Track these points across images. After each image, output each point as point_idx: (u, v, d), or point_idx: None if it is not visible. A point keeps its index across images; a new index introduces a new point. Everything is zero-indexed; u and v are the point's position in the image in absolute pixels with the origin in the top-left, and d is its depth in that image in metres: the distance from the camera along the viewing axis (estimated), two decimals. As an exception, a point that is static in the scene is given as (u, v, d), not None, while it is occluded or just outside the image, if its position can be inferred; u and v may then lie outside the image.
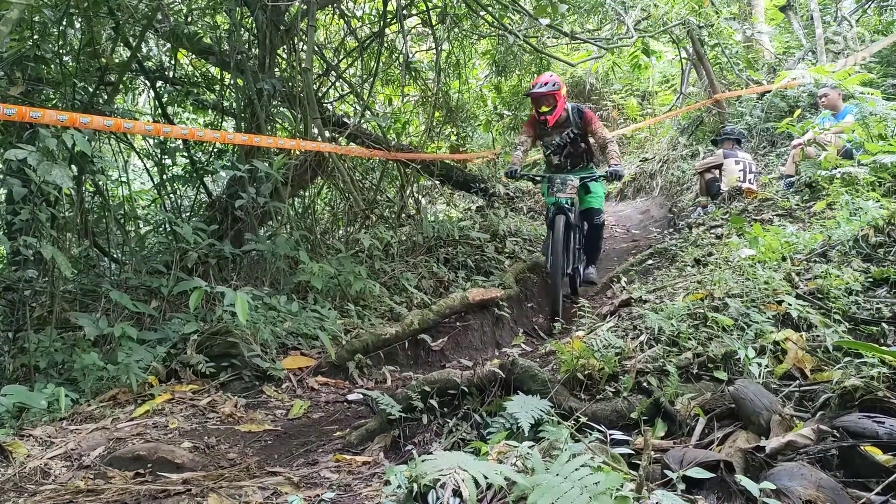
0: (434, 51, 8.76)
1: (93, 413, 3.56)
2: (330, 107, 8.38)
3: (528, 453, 2.03)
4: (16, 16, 3.52)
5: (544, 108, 5.84)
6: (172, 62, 7.56)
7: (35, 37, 5.64)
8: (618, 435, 2.32)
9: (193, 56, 7.80)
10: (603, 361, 3.01)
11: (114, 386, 3.88)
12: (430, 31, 8.71)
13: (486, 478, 1.78)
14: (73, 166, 5.18)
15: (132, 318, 4.78)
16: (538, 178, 6.13)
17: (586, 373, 3.02)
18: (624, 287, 5.27)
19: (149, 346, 4.33)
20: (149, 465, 3.02)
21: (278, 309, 4.89)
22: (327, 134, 7.33)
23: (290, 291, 5.49)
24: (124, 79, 6.93)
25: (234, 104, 7.28)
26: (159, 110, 7.36)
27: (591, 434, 2.37)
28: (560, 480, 1.77)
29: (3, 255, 6.53)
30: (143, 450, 3.10)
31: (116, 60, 6.85)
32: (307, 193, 7.87)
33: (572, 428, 2.41)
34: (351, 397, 4.03)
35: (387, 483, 2.48)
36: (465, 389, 3.24)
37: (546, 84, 5.82)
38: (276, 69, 7.11)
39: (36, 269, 4.94)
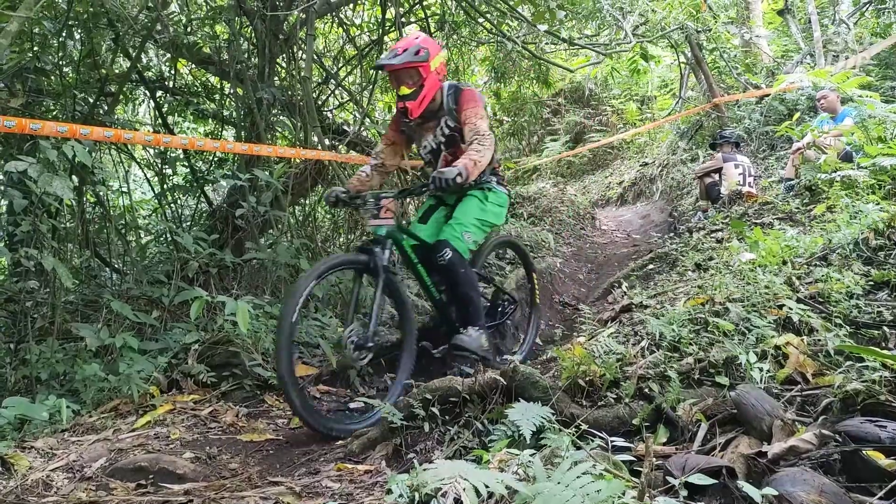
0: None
1: (94, 424, 3.55)
2: (329, 115, 8.40)
3: (529, 461, 2.03)
4: (16, 28, 3.54)
5: (404, 91, 3.84)
6: (172, 72, 7.59)
7: (35, 48, 5.66)
8: (619, 442, 2.32)
9: (193, 66, 7.82)
10: (604, 367, 3.01)
11: (115, 397, 3.88)
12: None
13: (487, 486, 1.78)
14: (73, 177, 5.19)
15: (133, 328, 4.78)
16: (358, 201, 3.94)
17: (587, 379, 3.02)
18: (625, 292, 5.28)
19: (150, 356, 4.33)
20: (150, 477, 3.02)
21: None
22: (327, 142, 7.35)
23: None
24: (124, 89, 6.96)
25: (234, 113, 7.30)
26: (159, 120, 7.38)
27: (592, 441, 2.37)
28: (562, 488, 1.76)
29: (5, 266, 6.54)
30: (144, 461, 3.10)
31: (116, 71, 6.88)
32: (307, 201, 7.88)
33: (574, 435, 2.41)
34: (352, 406, 4.03)
35: (388, 492, 2.47)
36: (467, 397, 3.23)
37: (405, 51, 3.77)
38: (276, 78, 7.13)
39: (37, 281, 4.95)
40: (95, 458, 3.18)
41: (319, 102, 7.99)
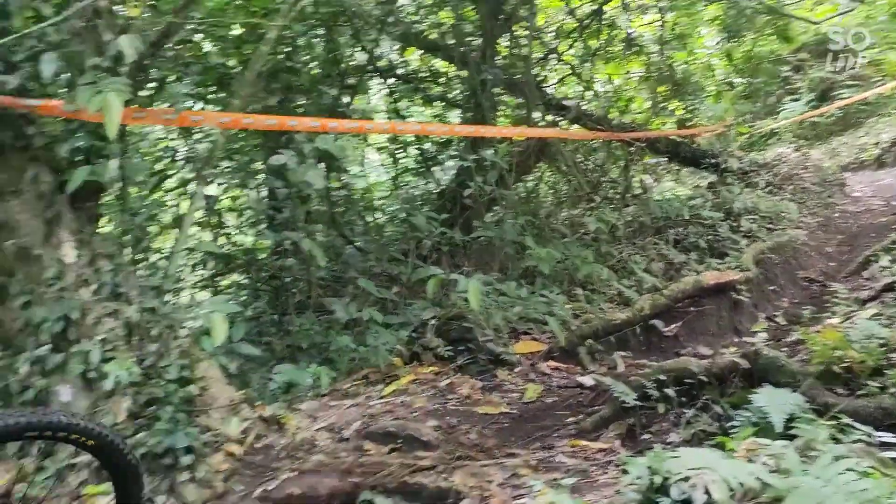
0: (657, 23, 8.40)
1: (348, 390, 3.94)
2: (551, 90, 8.39)
3: (782, 453, 1.92)
4: (274, 35, 3.97)
5: None
6: (403, 60, 8.03)
7: (286, 50, 6.28)
8: (887, 436, 2.11)
9: (421, 52, 8.20)
10: (865, 353, 2.74)
11: (365, 366, 4.25)
12: (653, 2, 8.37)
13: (735, 478, 1.71)
14: (322, 165, 5.72)
15: (375, 302, 5.19)
16: None
17: (844, 365, 2.77)
18: (886, 267, 4.72)
19: (392, 329, 4.67)
20: (399, 441, 3.29)
21: (508, 294, 5.02)
22: (549, 118, 7.37)
23: (518, 276, 5.61)
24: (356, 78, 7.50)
25: (460, 95, 7.58)
26: (392, 106, 7.87)
27: (852, 433, 2.18)
28: (820, 484, 1.65)
29: (268, 246, 7.39)
30: (393, 426, 3.38)
31: (353, 64, 7.43)
32: (531, 178, 7.97)
33: (831, 426, 2.22)
34: (582, 382, 4.04)
35: (624, 472, 2.47)
36: (704, 379, 3.12)
37: None
38: (499, 58, 7.26)
39: (293, 259, 5.54)
40: (351, 421, 3.52)
41: (540, 78, 8.01)
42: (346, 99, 6.89)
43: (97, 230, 3.33)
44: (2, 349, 2.97)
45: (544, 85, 8.16)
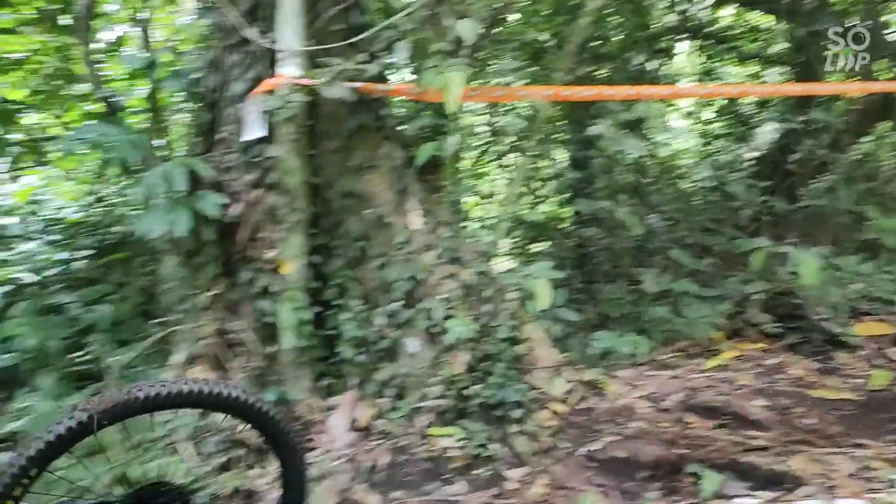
0: None
1: (666, 361, 3.87)
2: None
3: None
4: (598, 4, 3.96)
5: None
6: (714, 17, 7.52)
7: (596, 19, 6.24)
8: None
9: (736, 7, 7.63)
10: None
11: (681, 338, 4.14)
12: None
13: None
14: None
15: (687, 274, 4.99)
16: None
17: None
18: None
19: (709, 302, 4.47)
20: (724, 417, 3.16)
21: (845, 269, 4.51)
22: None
23: (855, 250, 5.01)
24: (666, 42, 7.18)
25: (780, 50, 6.92)
26: (703, 68, 7.43)
27: None
28: None
29: (570, 215, 7.49)
30: (717, 402, 3.27)
31: (662, 27, 7.13)
32: (867, 139, 7.00)
33: None
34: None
35: None
36: None
37: None
38: (831, 7, 6.47)
39: (597, 228, 5.54)
40: (671, 392, 3.46)
41: (882, 23, 6.95)
42: (652, 64, 6.67)
43: (437, 200, 3.66)
44: (362, 304, 3.41)
45: (888, 31, 7.07)
